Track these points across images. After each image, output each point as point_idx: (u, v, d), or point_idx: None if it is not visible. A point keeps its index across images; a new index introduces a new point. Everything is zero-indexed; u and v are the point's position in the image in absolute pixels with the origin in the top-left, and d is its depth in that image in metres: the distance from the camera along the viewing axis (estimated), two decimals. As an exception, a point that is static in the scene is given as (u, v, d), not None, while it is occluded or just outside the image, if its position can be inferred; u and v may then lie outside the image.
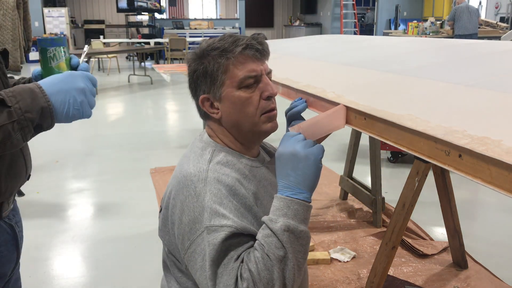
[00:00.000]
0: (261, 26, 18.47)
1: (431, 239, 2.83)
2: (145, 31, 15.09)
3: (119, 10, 14.22)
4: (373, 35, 14.40)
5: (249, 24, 16.89)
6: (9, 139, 0.87)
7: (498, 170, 0.72)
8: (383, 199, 2.95)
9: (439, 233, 2.93)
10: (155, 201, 3.42)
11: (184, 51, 11.42)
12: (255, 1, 18.07)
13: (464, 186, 3.60)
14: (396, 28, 13.90)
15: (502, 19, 11.20)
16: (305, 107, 1.26)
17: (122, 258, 2.70)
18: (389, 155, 4.36)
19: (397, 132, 0.96)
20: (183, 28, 15.20)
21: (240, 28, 15.89)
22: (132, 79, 10.18)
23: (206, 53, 1.04)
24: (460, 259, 2.48)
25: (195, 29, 15.26)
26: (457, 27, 8.45)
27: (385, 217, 3.02)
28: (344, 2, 14.69)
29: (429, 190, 2.52)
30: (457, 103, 1.02)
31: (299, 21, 17.79)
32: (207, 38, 1.10)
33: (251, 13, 17.27)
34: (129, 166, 4.38)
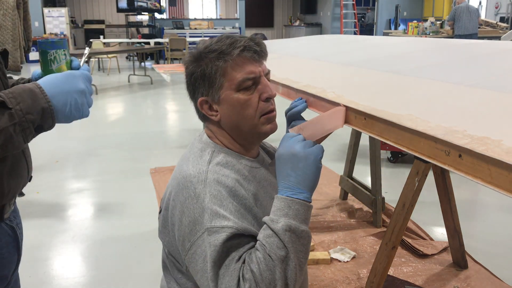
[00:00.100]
0: (261, 26, 18.47)
1: (431, 239, 2.83)
2: (145, 31, 15.09)
3: (119, 10, 14.23)
4: (373, 35, 14.40)
5: (249, 24, 16.89)
6: (10, 141, 0.87)
7: (498, 170, 0.72)
8: (383, 199, 2.95)
9: (439, 233, 2.93)
10: (155, 201, 3.42)
11: (184, 51, 11.41)
12: (255, 1, 18.07)
13: (464, 186, 3.60)
14: (396, 28, 13.90)
15: (502, 19, 11.21)
16: (305, 107, 1.26)
17: (122, 258, 2.70)
18: (389, 155, 4.36)
19: (397, 132, 0.96)
20: (183, 28, 15.20)
21: (240, 28, 15.89)
22: (132, 79, 10.18)
23: (203, 56, 1.03)
24: (460, 259, 2.48)
25: (195, 29, 15.26)
26: (457, 27, 8.45)
27: (385, 217, 3.02)
28: (344, 2, 14.69)
29: (429, 190, 2.52)
30: (457, 103, 1.02)
31: (299, 21, 17.79)
32: (206, 38, 1.10)
33: (251, 13, 17.27)
34: (129, 166, 4.38)
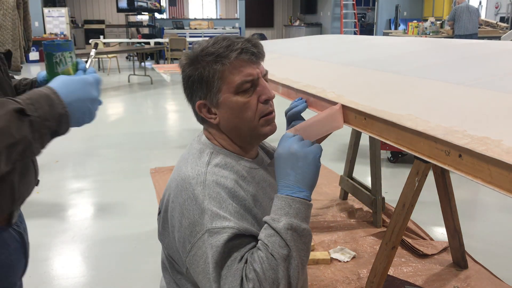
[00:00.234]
0: (261, 26, 18.48)
1: (431, 239, 2.83)
2: (145, 31, 15.09)
3: (119, 10, 14.23)
4: (373, 35, 14.40)
5: (249, 24, 16.89)
6: (29, 149, 0.86)
7: (498, 170, 0.72)
8: (383, 199, 2.95)
9: (439, 233, 2.93)
10: (155, 201, 3.42)
11: (184, 51, 11.41)
12: (255, 1, 18.06)
13: (464, 186, 3.60)
14: (396, 28, 13.90)
15: (502, 19, 11.21)
16: (305, 107, 1.26)
17: (122, 258, 2.70)
18: (389, 155, 4.36)
19: (397, 132, 0.96)
20: (183, 28, 15.20)
21: (240, 28, 15.89)
22: (132, 79, 10.18)
23: (200, 59, 1.02)
24: (460, 259, 2.48)
25: (195, 29, 15.26)
26: (457, 27, 8.44)
27: (385, 217, 3.02)
28: (344, 2, 14.69)
29: (429, 190, 2.52)
30: (457, 103, 1.02)
31: (299, 21, 17.79)
32: (204, 39, 1.09)
33: (251, 13, 17.27)
34: (129, 166, 4.38)
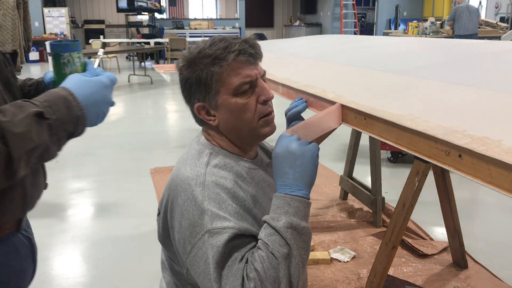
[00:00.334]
0: (261, 26, 18.47)
1: (431, 239, 2.83)
2: (145, 31, 15.09)
3: (119, 10, 14.22)
4: (373, 35, 14.40)
5: (249, 24, 16.88)
6: (47, 152, 0.86)
7: (498, 170, 0.72)
8: (383, 199, 2.95)
9: (439, 233, 2.93)
10: (155, 201, 3.42)
11: (184, 51, 11.41)
12: (255, 1, 18.06)
13: (464, 186, 3.60)
14: (396, 28, 13.90)
15: (502, 19, 11.21)
16: (305, 107, 1.25)
17: (122, 258, 2.70)
18: (389, 155, 4.36)
19: (397, 132, 0.96)
20: (183, 28, 15.20)
21: (240, 28, 15.89)
22: (132, 79, 10.18)
23: (197, 61, 1.01)
24: (460, 259, 2.48)
25: (195, 29, 15.27)
26: (457, 27, 8.44)
27: (385, 217, 3.02)
28: (344, 2, 14.69)
29: (429, 190, 2.52)
30: (457, 103, 1.02)
31: (299, 21, 17.79)
32: (206, 39, 1.08)
33: (251, 13, 17.26)
34: (129, 166, 4.38)
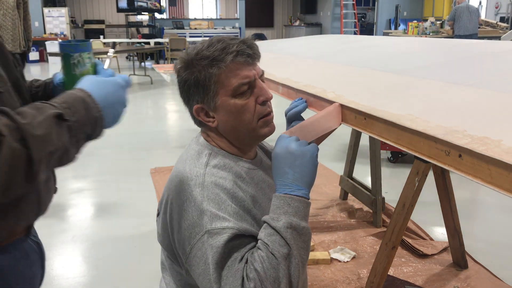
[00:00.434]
0: (261, 26, 18.47)
1: (431, 239, 2.83)
2: (145, 31, 15.09)
3: (119, 10, 14.22)
4: (373, 35, 14.40)
5: (249, 24, 16.88)
6: (66, 155, 0.84)
7: (498, 170, 0.72)
8: (383, 199, 2.95)
9: (439, 233, 2.93)
10: (155, 201, 3.42)
11: (184, 51, 11.40)
12: (255, 1, 18.05)
13: (464, 186, 3.60)
14: (396, 28, 13.90)
15: (502, 19, 11.20)
16: (305, 107, 1.25)
17: (122, 258, 2.70)
18: (389, 155, 4.36)
19: (397, 132, 0.96)
20: (183, 28, 15.20)
21: (240, 28, 15.89)
22: (132, 79, 10.18)
23: (195, 63, 1.01)
24: (460, 259, 2.48)
25: (195, 29, 15.26)
26: (457, 27, 8.44)
27: (385, 217, 3.02)
28: (344, 2, 14.69)
29: (429, 190, 2.52)
30: (457, 103, 1.02)
31: (299, 21, 17.79)
32: (206, 39, 1.08)
33: (251, 13, 17.26)
34: (129, 166, 4.38)
